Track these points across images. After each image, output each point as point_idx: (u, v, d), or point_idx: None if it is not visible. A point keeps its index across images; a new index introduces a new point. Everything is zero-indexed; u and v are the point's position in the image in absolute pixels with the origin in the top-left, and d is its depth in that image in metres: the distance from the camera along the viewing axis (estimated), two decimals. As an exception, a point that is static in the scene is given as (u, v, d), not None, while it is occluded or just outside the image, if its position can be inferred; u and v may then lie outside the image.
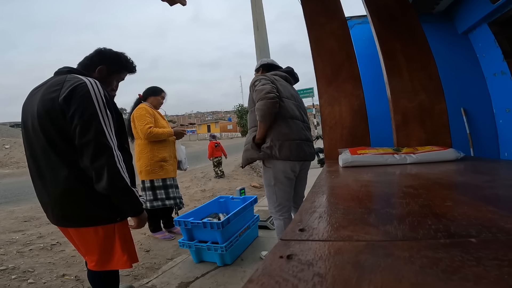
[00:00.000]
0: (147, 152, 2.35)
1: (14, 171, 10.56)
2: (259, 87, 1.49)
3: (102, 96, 0.97)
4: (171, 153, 2.45)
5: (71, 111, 0.91)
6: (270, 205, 1.63)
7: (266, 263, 0.28)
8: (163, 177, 2.37)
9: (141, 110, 2.35)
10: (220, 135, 33.85)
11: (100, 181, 0.92)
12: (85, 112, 0.91)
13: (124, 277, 1.84)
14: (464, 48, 1.94)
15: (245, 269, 1.77)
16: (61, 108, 0.92)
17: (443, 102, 1.30)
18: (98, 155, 0.91)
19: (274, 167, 1.53)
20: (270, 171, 1.55)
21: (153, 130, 2.30)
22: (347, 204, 0.51)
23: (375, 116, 1.66)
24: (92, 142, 0.90)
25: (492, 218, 0.37)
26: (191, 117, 70.99)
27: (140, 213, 1.06)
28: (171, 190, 2.40)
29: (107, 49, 1.17)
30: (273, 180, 1.54)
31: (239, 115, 8.57)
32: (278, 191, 1.56)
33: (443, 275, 0.23)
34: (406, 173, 0.88)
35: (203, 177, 6.01)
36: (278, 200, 1.57)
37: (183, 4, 2.04)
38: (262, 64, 1.82)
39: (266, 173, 1.58)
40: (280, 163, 1.52)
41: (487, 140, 1.87)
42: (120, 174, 0.95)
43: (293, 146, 1.51)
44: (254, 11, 3.31)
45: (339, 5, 1.52)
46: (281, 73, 1.72)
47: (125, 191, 0.97)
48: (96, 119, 0.93)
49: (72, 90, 0.93)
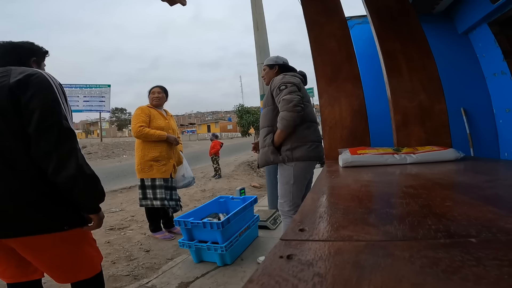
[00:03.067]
0: (140, 150, 2.41)
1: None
2: (287, 96, 1.49)
3: (60, 86, 0.90)
4: (164, 154, 2.42)
5: (27, 95, 0.81)
6: (284, 203, 1.63)
7: (266, 263, 0.28)
8: (153, 177, 2.37)
9: (137, 111, 2.44)
10: (220, 135, 33.91)
11: (64, 168, 0.81)
12: (46, 97, 0.83)
13: (124, 277, 1.84)
14: (464, 48, 1.94)
15: (245, 269, 1.77)
16: (12, 94, 0.80)
17: (443, 102, 1.30)
18: (63, 139, 0.82)
19: (295, 165, 1.56)
20: (291, 170, 1.57)
21: (143, 130, 2.34)
22: (347, 204, 0.51)
23: (375, 116, 1.66)
24: (56, 125, 0.81)
25: (492, 218, 0.37)
26: (191, 117, 70.98)
27: (100, 209, 0.95)
28: (160, 190, 2.38)
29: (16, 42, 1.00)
30: (293, 178, 1.57)
31: (239, 115, 8.58)
32: (295, 190, 1.58)
33: (443, 275, 0.23)
34: (406, 173, 0.88)
35: (203, 177, 6.02)
36: (294, 199, 1.59)
37: (183, 4, 2.03)
38: (279, 64, 1.78)
39: (285, 171, 1.60)
40: (301, 163, 1.56)
41: (487, 140, 1.87)
42: (86, 160, 0.86)
43: (313, 147, 1.56)
44: (254, 11, 3.31)
45: (339, 5, 1.52)
46: (299, 76, 1.72)
47: (94, 180, 0.88)
48: (58, 105, 0.84)
49: (27, 76, 0.83)
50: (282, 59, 1.81)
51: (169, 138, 2.44)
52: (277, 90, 1.56)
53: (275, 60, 1.80)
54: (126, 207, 3.87)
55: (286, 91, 1.51)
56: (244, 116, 9.22)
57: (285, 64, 1.80)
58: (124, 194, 4.99)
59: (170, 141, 2.46)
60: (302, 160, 1.54)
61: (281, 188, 1.63)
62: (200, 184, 5.35)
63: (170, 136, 2.45)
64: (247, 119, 9.02)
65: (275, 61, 1.80)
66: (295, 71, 1.80)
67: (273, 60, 1.82)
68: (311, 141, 1.57)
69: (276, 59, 1.81)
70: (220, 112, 76.33)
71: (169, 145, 2.47)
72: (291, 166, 1.57)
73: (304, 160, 1.55)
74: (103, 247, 2.38)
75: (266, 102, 1.66)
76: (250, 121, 8.86)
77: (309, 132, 1.59)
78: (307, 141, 1.56)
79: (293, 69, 1.81)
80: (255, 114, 9.20)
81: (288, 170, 1.58)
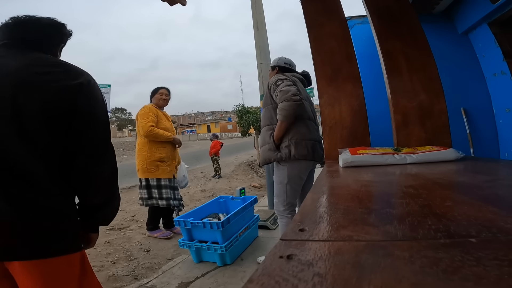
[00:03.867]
0: (145, 150, 2.40)
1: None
2: (284, 88, 1.51)
3: None
4: (169, 154, 2.47)
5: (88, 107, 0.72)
6: (278, 202, 1.64)
7: (266, 263, 0.28)
8: (158, 177, 2.39)
9: (145, 109, 2.44)
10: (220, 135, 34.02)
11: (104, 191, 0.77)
12: (104, 114, 0.76)
13: (124, 277, 1.84)
14: (464, 48, 1.94)
15: (245, 269, 1.77)
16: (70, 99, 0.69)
17: (443, 103, 1.30)
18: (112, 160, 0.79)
19: (289, 165, 1.57)
20: (284, 169, 1.58)
21: (154, 129, 2.35)
22: (347, 204, 0.51)
23: (375, 116, 1.66)
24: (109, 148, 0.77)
25: (492, 218, 0.37)
26: (191, 117, 71.00)
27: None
28: (165, 190, 2.41)
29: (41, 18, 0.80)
30: (286, 178, 1.58)
31: (239, 115, 8.53)
32: (289, 189, 1.59)
33: (443, 275, 0.23)
34: (406, 173, 0.88)
35: (203, 177, 6.02)
36: (288, 199, 1.60)
37: (183, 4, 2.03)
38: (279, 66, 1.82)
39: (279, 171, 1.61)
40: (296, 162, 1.56)
41: (487, 140, 1.87)
42: None
43: (309, 146, 1.55)
44: (254, 11, 3.31)
45: (339, 5, 1.52)
46: (298, 76, 1.77)
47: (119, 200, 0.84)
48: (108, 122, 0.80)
49: (89, 82, 0.73)
50: (284, 60, 1.84)
51: (175, 140, 2.50)
52: (273, 86, 1.59)
53: (277, 62, 1.85)
54: (126, 207, 3.86)
55: (283, 84, 1.54)
56: (244, 116, 9.20)
57: (285, 66, 1.82)
58: (124, 194, 4.99)
59: (175, 142, 2.52)
60: (297, 158, 1.54)
61: (276, 188, 1.65)
62: (200, 184, 5.35)
63: (176, 138, 2.52)
64: (247, 119, 9.00)
65: (276, 63, 1.85)
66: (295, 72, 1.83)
67: (275, 62, 1.87)
68: (307, 139, 1.57)
69: (277, 61, 1.85)
70: (220, 112, 76.37)
71: (173, 146, 2.53)
72: (285, 166, 1.58)
73: (300, 159, 1.54)
74: (103, 247, 2.38)
75: (266, 101, 1.68)
76: (250, 121, 8.82)
77: (307, 130, 1.59)
78: (304, 139, 1.56)
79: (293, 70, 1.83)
80: (255, 114, 9.16)
81: (282, 169, 1.59)
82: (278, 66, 1.82)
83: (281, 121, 1.53)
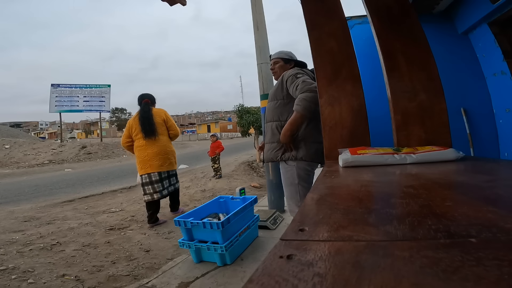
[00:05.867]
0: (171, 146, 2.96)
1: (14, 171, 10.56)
2: (307, 79, 1.45)
3: None
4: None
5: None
6: (292, 204, 1.59)
7: (266, 263, 0.28)
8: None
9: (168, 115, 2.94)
10: (220, 135, 34.10)
11: None
12: None
13: (124, 277, 1.84)
14: (464, 48, 1.94)
15: (245, 269, 1.77)
16: None
17: (443, 102, 1.30)
18: None
19: (297, 165, 1.53)
20: (293, 169, 1.54)
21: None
22: (347, 204, 0.51)
23: (375, 116, 1.65)
24: None
25: (492, 218, 0.37)
26: (191, 117, 70.97)
27: None
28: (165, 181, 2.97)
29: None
30: (297, 178, 1.53)
31: (239, 115, 8.51)
32: (301, 189, 1.55)
33: (443, 275, 0.23)
34: (406, 173, 0.87)
35: (203, 177, 6.01)
36: (302, 198, 1.56)
37: (183, 4, 2.03)
38: (295, 60, 1.74)
39: (288, 172, 1.56)
40: (304, 163, 1.53)
41: (487, 141, 1.87)
42: None
43: (319, 149, 1.50)
44: (254, 11, 3.30)
45: (339, 5, 1.52)
46: (311, 73, 1.69)
47: None
48: None
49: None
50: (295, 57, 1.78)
51: None
52: (292, 77, 1.51)
53: (291, 56, 1.75)
54: (126, 207, 3.86)
55: (304, 77, 1.48)
56: (244, 116, 9.20)
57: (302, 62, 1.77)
58: (124, 194, 4.99)
59: None
60: (305, 159, 1.51)
61: (287, 190, 1.60)
62: (200, 184, 5.34)
63: None
64: (247, 119, 9.00)
65: (290, 57, 1.74)
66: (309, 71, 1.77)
67: (288, 55, 1.75)
68: (318, 142, 1.53)
69: (291, 55, 1.76)
70: (220, 112, 76.32)
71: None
72: (293, 166, 1.54)
73: (307, 160, 1.51)
74: (103, 247, 2.38)
75: (275, 95, 1.59)
76: (250, 121, 8.82)
77: (318, 133, 1.55)
78: (315, 142, 1.53)
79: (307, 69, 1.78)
80: (255, 114, 9.15)
81: (291, 169, 1.54)
82: (295, 60, 1.74)
83: (299, 114, 1.43)
